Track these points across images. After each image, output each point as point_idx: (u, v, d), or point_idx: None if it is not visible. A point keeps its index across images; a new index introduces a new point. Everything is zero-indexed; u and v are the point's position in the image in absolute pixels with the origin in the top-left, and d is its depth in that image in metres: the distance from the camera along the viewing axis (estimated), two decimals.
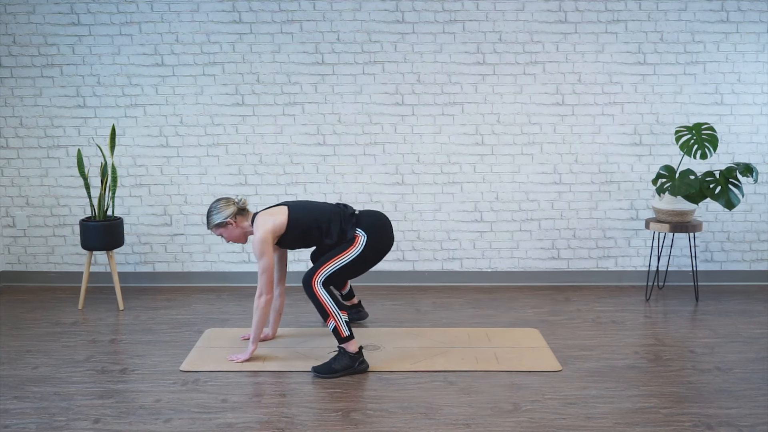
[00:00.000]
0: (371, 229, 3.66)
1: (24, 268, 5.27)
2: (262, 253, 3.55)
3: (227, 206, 3.66)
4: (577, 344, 3.94)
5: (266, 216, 3.63)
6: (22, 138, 5.13)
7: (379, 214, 3.78)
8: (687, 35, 5.00)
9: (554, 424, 2.97)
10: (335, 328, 3.48)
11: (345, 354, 3.50)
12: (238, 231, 3.70)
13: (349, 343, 3.50)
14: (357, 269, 3.67)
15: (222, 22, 4.99)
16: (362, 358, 3.54)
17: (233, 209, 3.66)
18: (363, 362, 3.54)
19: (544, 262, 5.24)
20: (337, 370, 3.47)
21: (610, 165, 5.13)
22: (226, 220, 3.64)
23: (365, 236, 3.62)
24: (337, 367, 3.48)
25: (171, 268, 5.25)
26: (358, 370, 3.51)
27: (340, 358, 3.50)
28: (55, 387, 3.35)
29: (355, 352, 3.51)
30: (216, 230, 3.69)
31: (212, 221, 3.67)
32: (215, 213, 3.66)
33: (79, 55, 5.03)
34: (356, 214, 3.73)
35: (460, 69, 5.03)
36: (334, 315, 3.49)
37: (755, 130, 5.10)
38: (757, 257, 5.24)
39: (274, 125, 5.09)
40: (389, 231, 3.76)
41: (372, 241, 3.63)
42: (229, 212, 3.65)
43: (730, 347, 3.89)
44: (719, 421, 2.98)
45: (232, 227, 3.67)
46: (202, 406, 3.14)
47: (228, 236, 3.70)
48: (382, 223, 3.73)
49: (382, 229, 3.71)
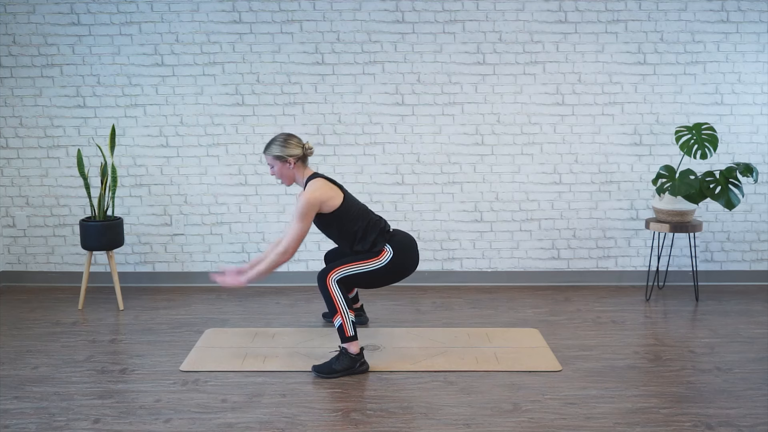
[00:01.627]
0: (399, 248, 3.64)
1: (24, 268, 5.27)
2: (303, 215, 3.50)
3: (297, 146, 3.61)
4: (577, 344, 3.94)
5: (324, 184, 3.58)
6: (22, 138, 5.13)
7: (410, 237, 3.77)
8: (687, 35, 5.00)
9: (554, 424, 2.97)
10: (341, 326, 3.49)
11: (346, 355, 3.49)
12: (292, 173, 3.63)
13: (351, 343, 3.50)
14: (372, 282, 3.65)
15: (222, 22, 4.99)
16: (363, 360, 3.53)
17: (299, 152, 3.61)
18: (363, 363, 3.53)
19: (544, 262, 5.24)
20: (338, 371, 3.47)
21: (610, 165, 5.13)
22: (287, 157, 3.59)
23: (391, 254, 3.61)
24: (337, 367, 3.47)
25: (171, 268, 5.25)
26: (358, 371, 3.51)
27: (342, 358, 3.49)
28: (55, 387, 3.35)
29: (356, 353, 3.51)
30: (271, 160, 3.61)
31: (274, 150, 3.59)
32: (282, 145, 3.59)
33: (79, 55, 5.03)
34: (390, 231, 3.73)
35: (460, 69, 5.03)
36: (342, 312, 3.49)
37: (755, 130, 5.10)
38: (757, 257, 5.24)
39: (273, 125, 5.08)
40: (415, 256, 3.74)
41: (395, 260, 3.61)
42: (295, 152, 3.59)
43: (730, 347, 3.89)
44: (719, 421, 2.98)
45: (288, 166, 3.61)
46: (202, 406, 3.14)
47: (279, 170, 3.63)
48: (411, 247, 3.72)
49: (409, 251, 3.69)
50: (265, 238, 5.19)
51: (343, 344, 3.51)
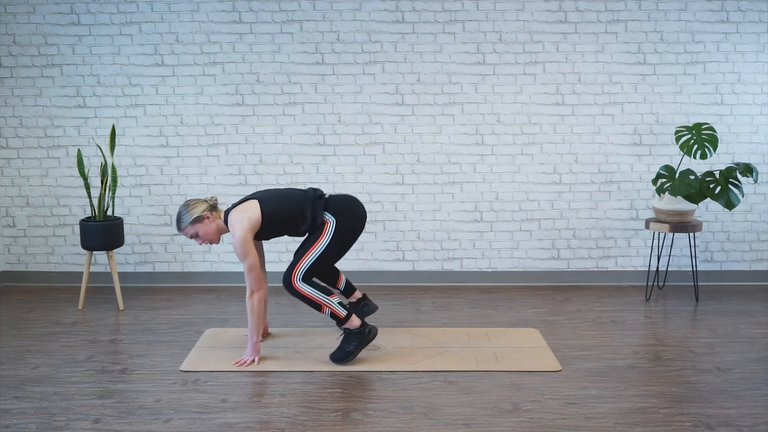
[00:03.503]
0: (339, 210, 3.63)
1: (24, 268, 5.27)
2: (245, 253, 3.50)
3: (198, 204, 3.62)
4: (577, 344, 3.94)
5: (239, 213, 3.56)
6: (22, 138, 5.13)
7: (348, 195, 3.76)
8: (687, 35, 5.00)
9: (554, 424, 2.97)
10: (332, 313, 3.53)
11: (351, 333, 3.57)
12: (214, 227, 3.61)
13: (350, 321, 3.56)
14: (334, 254, 3.64)
15: (222, 22, 4.99)
16: (368, 327, 3.60)
17: (206, 205, 3.62)
18: (371, 330, 3.61)
19: (544, 262, 5.24)
20: (352, 351, 3.56)
21: (610, 165, 5.13)
22: (203, 214, 3.58)
23: (333, 220, 3.60)
24: (350, 348, 3.56)
25: (171, 268, 5.25)
26: (369, 338, 3.60)
27: (349, 338, 3.57)
28: (55, 387, 3.35)
29: (359, 326, 3.57)
30: (191, 229, 3.59)
31: (186, 219, 3.57)
32: (189, 211, 3.59)
33: (79, 55, 5.03)
34: (325, 197, 3.69)
35: (460, 69, 5.03)
36: (325, 303, 3.52)
37: (755, 130, 5.10)
38: (757, 257, 5.24)
39: (274, 125, 5.09)
40: (359, 209, 3.72)
41: (342, 223, 3.61)
42: (202, 208, 3.60)
43: (730, 347, 3.89)
44: (719, 421, 2.98)
45: (209, 222, 3.59)
46: (202, 406, 3.14)
47: (204, 233, 3.60)
48: (350, 204, 3.70)
49: (350, 209, 3.68)
50: None
51: (343, 326, 3.57)
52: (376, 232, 5.19)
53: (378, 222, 5.17)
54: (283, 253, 5.21)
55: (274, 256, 5.19)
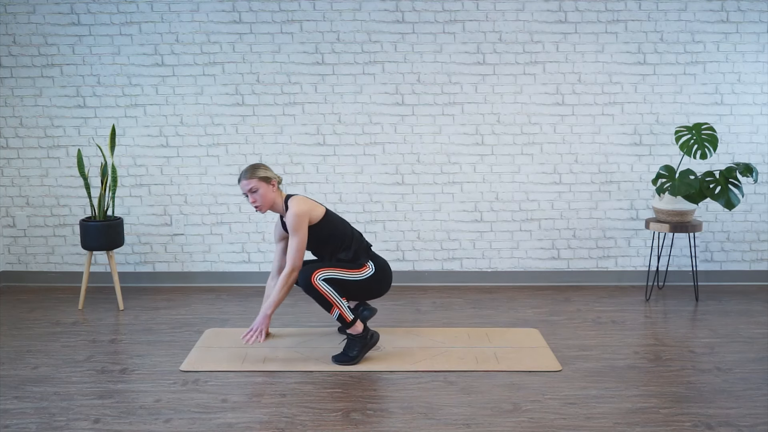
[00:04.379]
0: (380, 268, 3.76)
1: (24, 268, 5.27)
2: (298, 226, 3.56)
3: (272, 170, 3.71)
4: (577, 344, 3.94)
5: (305, 199, 3.68)
6: (22, 138, 5.13)
7: (387, 262, 3.88)
8: (687, 35, 5.00)
9: (554, 424, 2.97)
10: (340, 316, 3.57)
11: (355, 338, 3.61)
12: (273, 195, 3.64)
13: (354, 326, 3.61)
14: (350, 291, 3.69)
15: (222, 22, 4.99)
16: (371, 332, 3.65)
17: (278, 177, 3.70)
18: (373, 335, 3.67)
19: (544, 262, 5.24)
20: (355, 356, 3.60)
21: (610, 165, 5.13)
22: (273, 177, 3.63)
23: (373, 270, 3.72)
24: (353, 353, 3.61)
25: (171, 268, 5.25)
26: (372, 343, 3.66)
27: (352, 344, 3.62)
28: (55, 387, 3.35)
29: (362, 331, 3.62)
30: (256, 183, 3.58)
31: (258, 173, 3.60)
32: (264, 168, 3.64)
33: (79, 55, 5.03)
34: (371, 250, 3.84)
35: (460, 69, 5.03)
36: (336, 303, 3.55)
37: (755, 130, 5.10)
38: (757, 257, 5.24)
39: (274, 125, 5.09)
40: (391, 280, 3.85)
41: (376, 277, 3.73)
42: (275, 175, 3.68)
43: (730, 347, 3.89)
44: (719, 421, 2.98)
45: (272, 188, 3.64)
46: (202, 406, 3.14)
47: (262, 195, 3.60)
48: (388, 271, 3.83)
49: (387, 274, 3.82)
50: (265, 238, 5.19)
51: (348, 331, 3.62)
52: (376, 232, 5.19)
53: (378, 222, 5.17)
54: None
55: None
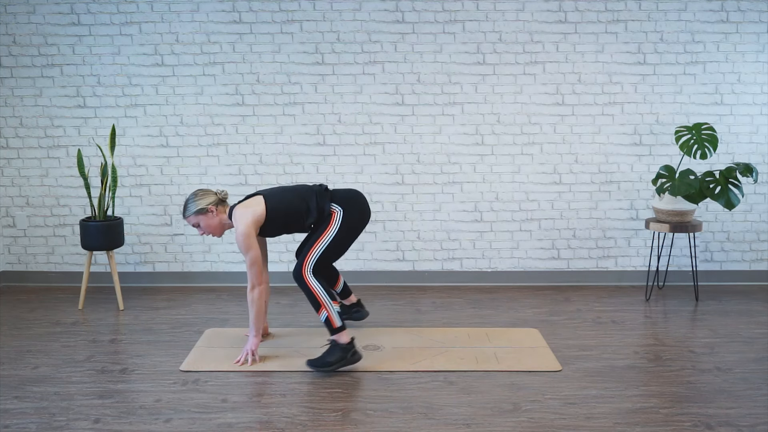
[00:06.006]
0: (346, 202, 3.66)
1: (24, 268, 5.27)
2: (248, 247, 3.52)
3: (207, 195, 3.63)
4: (577, 344, 3.94)
5: (244, 208, 3.58)
6: (22, 138, 5.13)
7: (353, 189, 3.80)
8: (687, 35, 5.00)
9: (554, 424, 2.97)
10: (327, 319, 3.48)
11: (337, 346, 3.51)
12: (217, 221, 3.63)
13: (341, 334, 3.51)
14: (341, 246, 3.65)
15: (222, 22, 4.99)
16: (354, 349, 3.54)
17: (214, 198, 3.63)
18: (356, 353, 3.54)
19: (544, 262, 5.24)
20: (332, 363, 3.48)
21: (610, 165, 5.13)
22: (207, 207, 3.59)
23: (341, 210, 3.63)
24: (331, 359, 3.48)
25: (171, 268, 5.25)
26: (352, 360, 3.52)
27: (333, 350, 3.51)
28: (55, 387, 3.35)
29: (347, 342, 3.51)
30: (194, 219, 3.61)
31: (191, 209, 3.59)
32: (194, 200, 3.61)
33: (79, 55, 5.03)
34: (329, 190, 3.73)
35: (460, 69, 5.03)
36: (326, 305, 3.49)
37: (755, 130, 5.10)
38: (757, 257, 5.24)
39: (274, 125, 5.09)
40: (364, 201, 3.76)
41: (348, 214, 3.63)
42: (209, 200, 3.61)
43: (730, 347, 3.89)
44: (719, 421, 2.98)
45: (212, 215, 3.61)
46: (202, 406, 3.14)
47: (206, 226, 3.62)
48: (356, 197, 3.74)
49: (356, 201, 3.71)
50: None
51: (332, 336, 3.52)
52: (376, 232, 5.19)
53: (378, 222, 5.17)
54: (283, 253, 5.21)
55: (275, 256, 5.19)
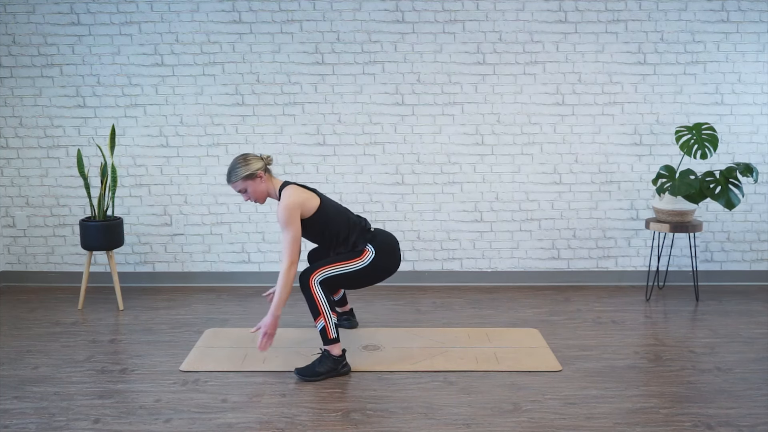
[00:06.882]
0: (381, 248, 3.60)
1: (24, 268, 5.27)
2: (288, 220, 3.41)
3: (256, 160, 3.52)
4: (577, 344, 3.94)
5: (299, 190, 3.51)
6: (22, 138, 5.13)
7: (392, 237, 3.73)
8: (687, 35, 5.00)
9: (554, 424, 2.97)
10: (323, 329, 3.45)
11: (329, 357, 3.47)
12: (264, 187, 3.53)
13: (334, 346, 3.47)
14: (354, 282, 3.62)
15: (222, 22, 4.99)
16: (345, 362, 3.51)
17: (262, 163, 3.53)
18: (345, 366, 3.51)
19: (544, 262, 5.24)
20: (321, 373, 3.44)
21: (610, 165, 5.13)
22: (257, 172, 3.49)
23: (373, 254, 3.56)
24: (321, 369, 3.45)
25: (171, 268, 5.25)
26: (341, 372, 3.49)
27: (324, 361, 3.46)
28: (55, 387, 3.35)
29: (339, 355, 3.48)
30: (241, 184, 3.50)
31: (240, 173, 3.47)
32: (244, 165, 3.49)
33: (79, 55, 5.03)
34: (372, 231, 3.69)
35: (460, 69, 5.03)
36: (325, 315, 3.45)
37: (755, 130, 5.10)
38: (757, 257, 5.24)
39: (274, 125, 5.09)
40: (398, 255, 3.70)
41: (377, 260, 3.57)
42: (258, 165, 3.50)
43: (730, 347, 3.89)
44: (719, 421, 2.98)
45: (260, 181, 3.51)
46: (202, 406, 3.14)
47: (253, 191, 3.52)
48: (392, 246, 3.68)
49: (391, 251, 3.65)
50: (265, 238, 5.19)
51: (325, 346, 3.48)
52: None
53: (378, 222, 5.17)
54: None
55: (275, 256, 5.19)
